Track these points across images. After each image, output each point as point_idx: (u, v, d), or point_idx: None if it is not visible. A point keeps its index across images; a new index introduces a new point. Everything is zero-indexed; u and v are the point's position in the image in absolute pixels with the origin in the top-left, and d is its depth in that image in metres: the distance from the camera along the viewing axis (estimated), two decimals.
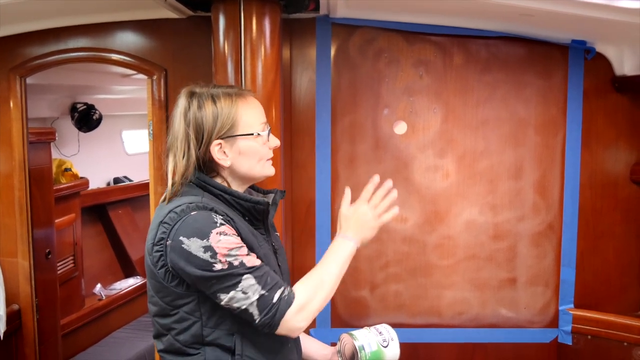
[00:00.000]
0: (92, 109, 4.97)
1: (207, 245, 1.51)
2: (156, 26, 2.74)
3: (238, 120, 1.65)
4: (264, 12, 2.32)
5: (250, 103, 1.70)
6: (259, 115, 1.71)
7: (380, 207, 1.74)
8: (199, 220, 1.54)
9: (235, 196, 1.66)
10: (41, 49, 2.80)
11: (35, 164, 3.20)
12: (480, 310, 2.93)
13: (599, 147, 2.86)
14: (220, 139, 1.64)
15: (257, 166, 1.71)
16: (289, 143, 2.79)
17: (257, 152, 1.69)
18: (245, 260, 1.53)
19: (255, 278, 1.53)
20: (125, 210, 5.47)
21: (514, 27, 2.71)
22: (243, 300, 1.52)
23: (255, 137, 1.68)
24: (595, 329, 2.82)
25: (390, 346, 1.79)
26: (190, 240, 1.52)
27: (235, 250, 1.53)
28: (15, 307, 3.00)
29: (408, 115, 2.83)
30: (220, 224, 1.54)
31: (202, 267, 1.51)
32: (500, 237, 2.89)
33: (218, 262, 1.51)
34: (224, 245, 1.51)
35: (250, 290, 1.52)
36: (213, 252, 1.50)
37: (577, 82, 2.81)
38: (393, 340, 1.80)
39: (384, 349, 1.78)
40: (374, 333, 1.82)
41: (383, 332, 1.83)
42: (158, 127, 2.73)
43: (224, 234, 1.53)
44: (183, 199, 1.61)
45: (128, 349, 4.37)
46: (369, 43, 2.79)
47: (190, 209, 1.56)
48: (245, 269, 1.52)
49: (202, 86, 1.70)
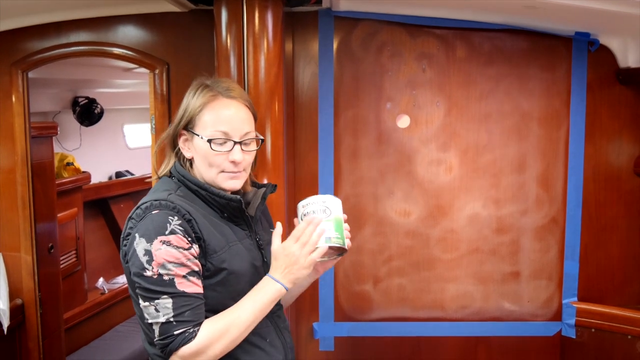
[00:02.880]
0: (94, 103, 4.96)
1: (149, 249, 1.51)
2: (158, 20, 2.72)
3: (198, 118, 1.67)
4: (266, 6, 2.30)
5: (222, 106, 1.66)
6: (221, 122, 1.64)
7: (309, 245, 1.62)
8: (153, 221, 1.54)
9: (210, 192, 1.66)
10: (42, 43, 2.79)
11: (38, 158, 3.20)
12: (483, 303, 2.93)
13: (603, 140, 2.85)
14: (184, 130, 1.69)
15: (208, 172, 1.67)
16: (292, 137, 2.79)
17: (205, 156, 1.66)
18: (177, 280, 1.50)
19: (174, 303, 1.50)
20: (128, 204, 5.47)
21: (517, 19, 2.70)
22: (152, 316, 1.51)
23: (203, 140, 1.65)
24: (599, 322, 2.82)
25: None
26: (140, 239, 1.53)
27: (172, 265, 1.50)
28: (19, 301, 3.01)
29: (411, 108, 2.82)
30: (170, 231, 1.52)
31: (137, 267, 1.52)
32: (504, 231, 2.88)
33: (151, 268, 1.50)
34: (162, 256, 1.50)
35: (162, 311, 1.50)
36: (150, 258, 1.50)
37: (580, 74, 2.79)
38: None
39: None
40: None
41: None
42: (160, 121, 2.72)
43: (168, 244, 1.51)
44: (153, 193, 1.64)
45: (131, 342, 4.38)
46: (371, 36, 2.77)
47: (153, 207, 1.56)
48: (169, 289, 1.50)
49: (210, 78, 1.74)
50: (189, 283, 1.52)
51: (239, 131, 1.66)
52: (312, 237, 1.63)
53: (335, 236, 1.66)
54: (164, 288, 1.50)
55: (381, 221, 2.86)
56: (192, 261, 1.54)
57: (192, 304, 1.52)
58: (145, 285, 1.51)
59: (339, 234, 1.67)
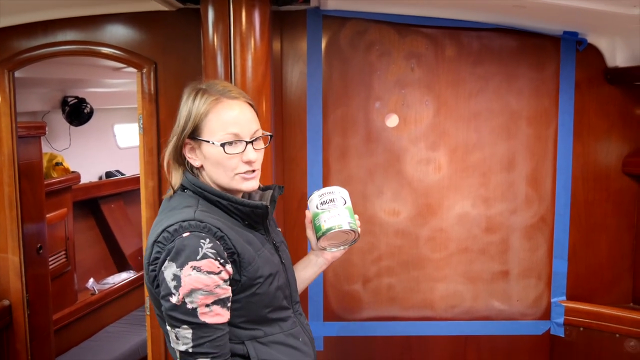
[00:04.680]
0: (83, 103, 4.92)
1: (178, 275, 1.47)
2: (145, 19, 2.71)
3: (204, 124, 1.61)
4: (253, 4, 2.29)
5: (226, 108, 1.61)
6: (229, 124, 1.60)
7: None
8: (185, 245, 1.48)
9: (233, 201, 1.61)
10: (29, 42, 2.77)
11: (25, 158, 3.18)
12: (472, 303, 2.93)
13: (591, 139, 2.86)
14: (189, 138, 1.63)
15: (223, 177, 1.63)
16: (280, 136, 2.78)
17: (218, 162, 1.61)
18: (200, 310, 1.47)
19: (193, 334, 1.48)
20: (118, 204, 5.45)
21: (506, 18, 2.70)
22: (174, 342, 1.51)
23: (215, 145, 1.60)
24: (588, 321, 2.83)
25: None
26: (169, 263, 1.48)
27: (200, 293, 1.47)
28: (6, 302, 2.99)
29: (400, 107, 2.82)
30: (202, 256, 1.48)
31: (164, 291, 1.49)
32: (493, 230, 2.89)
33: (177, 294, 1.47)
34: (191, 283, 1.46)
35: (182, 340, 1.49)
36: (178, 283, 1.47)
37: (569, 73, 2.80)
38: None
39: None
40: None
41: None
42: (148, 121, 2.71)
43: (198, 270, 1.47)
44: (178, 214, 1.57)
45: (121, 343, 4.36)
46: (360, 35, 2.77)
47: (183, 229, 1.51)
48: (190, 319, 1.47)
49: (206, 82, 1.69)
50: (212, 313, 1.49)
51: (249, 130, 1.62)
52: None
53: (350, 221, 1.77)
54: (185, 317, 1.47)
55: (370, 220, 2.86)
56: (221, 287, 1.50)
57: (211, 335, 1.49)
58: (168, 312, 1.49)
59: (353, 220, 1.78)
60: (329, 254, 1.88)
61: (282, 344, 1.65)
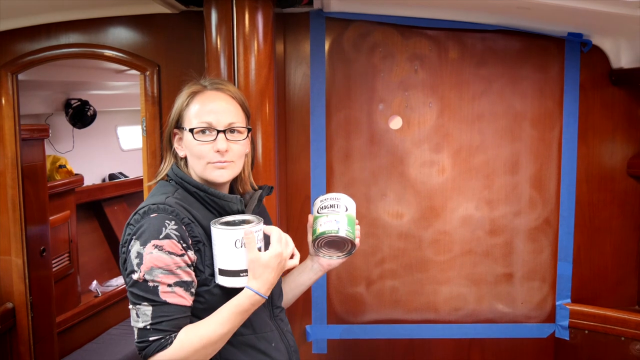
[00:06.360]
0: (87, 105, 4.94)
1: (141, 252, 1.50)
2: (148, 21, 2.71)
3: (185, 112, 1.68)
4: (256, 7, 2.29)
5: (205, 99, 1.68)
6: (204, 113, 1.65)
7: (289, 249, 1.65)
8: (150, 225, 1.52)
9: (209, 193, 1.64)
10: (32, 45, 2.77)
11: (29, 161, 3.18)
12: (476, 305, 2.92)
13: (596, 141, 2.85)
14: (176, 128, 1.71)
15: (197, 165, 1.67)
16: (284, 138, 2.77)
17: (191, 148, 1.66)
18: (161, 289, 1.49)
19: (153, 312, 1.48)
20: (121, 207, 5.46)
21: (510, 20, 2.69)
22: (134, 320, 1.51)
23: (188, 132, 1.66)
24: (593, 324, 2.81)
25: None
26: (134, 242, 1.52)
27: (160, 272, 1.48)
28: (10, 305, 2.99)
29: (403, 110, 2.81)
30: (164, 235, 1.50)
31: (128, 269, 1.52)
32: (497, 232, 2.88)
33: (139, 271, 1.49)
34: (151, 260, 1.49)
35: (142, 317, 1.49)
36: (140, 261, 1.49)
37: (573, 75, 2.79)
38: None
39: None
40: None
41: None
42: (151, 124, 2.71)
43: (160, 249, 1.49)
44: (151, 198, 1.62)
45: (124, 345, 4.36)
46: (363, 37, 2.76)
47: (151, 211, 1.55)
48: (150, 297, 1.48)
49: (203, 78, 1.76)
50: (175, 294, 1.50)
51: (223, 121, 1.66)
52: (291, 245, 1.65)
53: (347, 229, 1.74)
54: (146, 294, 1.49)
55: (374, 223, 2.85)
56: (182, 269, 1.51)
57: (171, 315, 1.49)
58: (130, 289, 1.51)
59: (351, 229, 1.75)
60: (325, 261, 1.87)
61: (251, 346, 1.64)
